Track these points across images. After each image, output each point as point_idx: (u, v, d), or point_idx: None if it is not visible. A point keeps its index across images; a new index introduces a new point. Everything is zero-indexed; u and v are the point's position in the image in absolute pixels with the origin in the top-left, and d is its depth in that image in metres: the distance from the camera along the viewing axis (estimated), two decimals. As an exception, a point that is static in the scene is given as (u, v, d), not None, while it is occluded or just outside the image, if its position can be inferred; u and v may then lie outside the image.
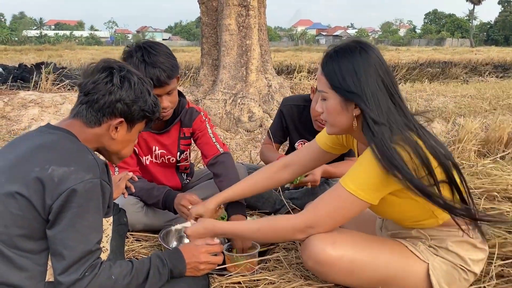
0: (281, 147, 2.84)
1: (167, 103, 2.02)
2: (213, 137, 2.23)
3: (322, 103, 1.47)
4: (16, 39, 57.57)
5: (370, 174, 1.36)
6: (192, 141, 2.32)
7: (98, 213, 1.25)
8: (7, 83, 5.31)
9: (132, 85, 1.37)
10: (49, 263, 1.24)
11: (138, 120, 1.41)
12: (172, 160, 2.27)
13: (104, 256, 1.32)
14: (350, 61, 1.38)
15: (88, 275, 1.21)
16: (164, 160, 2.26)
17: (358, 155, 1.66)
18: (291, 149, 2.73)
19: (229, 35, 4.67)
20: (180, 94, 2.18)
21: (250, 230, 1.53)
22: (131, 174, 1.91)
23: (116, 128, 1.38)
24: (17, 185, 1.20)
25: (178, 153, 2.27)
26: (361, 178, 1.38)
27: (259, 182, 1.86)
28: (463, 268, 1.50)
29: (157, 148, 2.22)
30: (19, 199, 1.19)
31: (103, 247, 1.32)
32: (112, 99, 1.33)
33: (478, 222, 1.45)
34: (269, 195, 2.53)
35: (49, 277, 1.24)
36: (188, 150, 2.35)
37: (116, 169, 2.14)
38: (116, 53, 18.60)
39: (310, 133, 2.55)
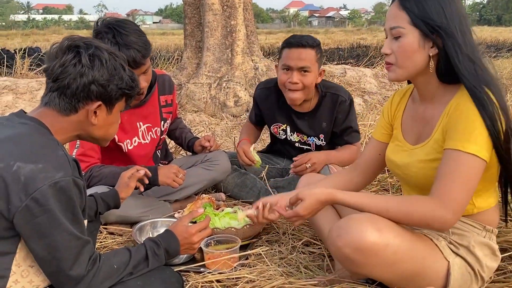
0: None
1: (144, 83, 1.98)
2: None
3: (392, 43, 1.37)
4: (3, 24, 56.53)
5: (482, 130, 1.25)
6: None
7: (75, 212, 1.16)
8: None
9: (103, 62, 1.24)
10: (13, 269, 1.14)
11: (117, 99, 1.30)
12: (158, 132, 2.28)
13: None
14: None
15: (91, 269, 1.21)
16: (152, 135, 2.25)
17: (402, 122, 1.54)
18: (271, 135, 2.66)
19: (213, 15, 4.48)
20: None
21: (378, 208, 1.33)
22: (143, 171, 1.82)
23: (95, 112, 1.27)
24: None
25: (162, 121, 2.28)
26: (476, 135, 1.25)
27: (340, 185, 1.70)
28: (478, 273, 1.38)
29: (141, 124, 2.20)
30: None
31: None
32: (85, 81, 1.21)
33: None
34: (253, 184, 2.43)
35: (11, 284, 1.13)
36: (169, 118, 2.37)
37: (75, 150, 2.01)
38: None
39: (282, 115, 2.47)
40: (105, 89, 1.25)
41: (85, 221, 1.27)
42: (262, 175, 2.45)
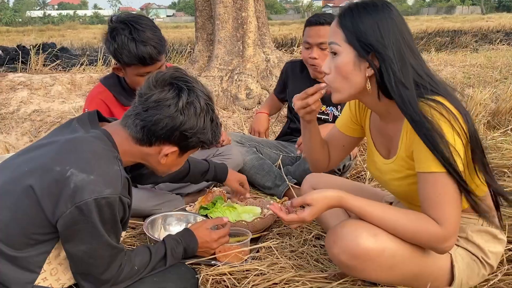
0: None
1: None
2: None
3: (330, 61, 1.31)
4: (20, 20, 57.24)
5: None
6: None
7: (114, 225, 1.19)
8: (5, 65, 5.19)
9: (197, 113, 1.25)
10: (44, 267, 1.17)
11: (193, 148, 1.33)
12: None
13: None
14: (371, 14, 1.24)
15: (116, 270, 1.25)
16: None
17: (371, 132, 1.51)
18: (288, 110, 2.74)
19: (223, 7, 4.44)
20: None
21: (384, 223, 1.28)
22: None
23: (167, 154, 1.28)
24: (34, 179, 1.11)
25: None
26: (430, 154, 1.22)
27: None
28: (483, 261, 1.36)
29: None
30: (30, 196, 1.10)
31: None
32: (172, 126, 1.22)
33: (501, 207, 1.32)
34: (270, 169, 2.48)
35: (39, 281, 1.17)
36: None
37: None
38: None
39: (306, 85, 2.46)
40: (186, 139, 1.26)
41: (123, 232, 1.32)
42: (277, 164, 2.53)
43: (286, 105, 2.85)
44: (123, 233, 1.32)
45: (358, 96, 1.34)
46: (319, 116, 2.54)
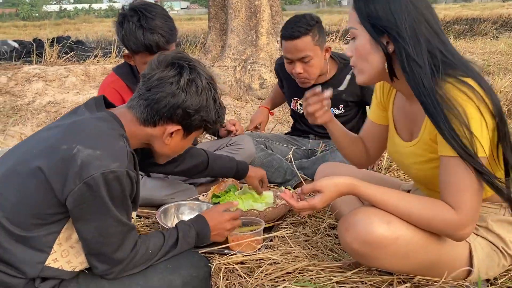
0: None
1: None
2: None
3: (351, 46, 1.31)
4: (37, 14, 57.93)
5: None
6: None
7: (124, 201, 1.19)
8: (22, 58, 5.26)
9: (199, 91, 1.26)
10: (54, 247, 1.17)
11: (196, 128, 1.33)
12: None
13: None
14: None
15: (130, 253, 1.24)
16: None
17: (394, 115, 1.48)
18: (291, 112, 2.67)
19: (236, -4, 4.41)
20: None
21: (398, 210, 1.25)
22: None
23: (171, 134, 1.29)
24: (42, 160, 1.12)
25: None
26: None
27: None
28: (503, 251, 1.32)
29: None
30: (39, 176, 1.11)
31: None
32: (174, 103, 1.24)
33: None
34: (279, 165, 2.41)
35: (50, 262, 1.17)
36: None
37: None
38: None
39: (298, 90, 2.44)
40: (189, 117, 1.27)
41: (134, 213, 1.32)
42: (288, 157, 2.45)
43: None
44: (134, 214, 1.32)
45: (381, 76, 1.31)
46: None
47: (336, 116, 2.46)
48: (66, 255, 1.20)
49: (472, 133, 1.14)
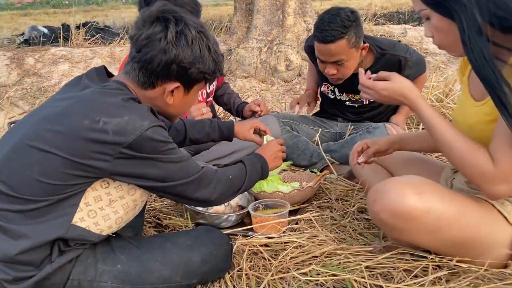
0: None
1: None
2: None
3: (428, 26, 1.27)
4: (66, 2, 59.04)
5: None
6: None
7: (171, 146, 1.18)
8: (51, 44, 5.34)
9: (189, 42, 1.19)
10: (81, 205, 1.15)
11: (196, 82, 1.27)
12: (204, 94, 2.28)
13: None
14: None
15: (213, 179, 1.29)
16: (198, 97, 2.23)
17: (469, 77, 1.42)
18: (321, 93, 2.56)
19: (263, -25, 4.29)
20: None
21: (444, 138, 1.24)
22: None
23: (172, 92, 1.25)
24: (61, 139, 1.09)
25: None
26: None
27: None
28: None
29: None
30: (60, 160, 1.09)
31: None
32: (167, 59, 1.18)
33: None
34: (305, 147, 2.34)
35: (76, 220, 1.15)
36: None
37: None
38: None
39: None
40: (185, 71, 1.21)
41: None
42: (315, 139, 2.37)
43: None
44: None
45: None
46: (352, 104, 2.41)
47: (370, 103, 2.38)
48: (93, 216, 1.17)
49: None
